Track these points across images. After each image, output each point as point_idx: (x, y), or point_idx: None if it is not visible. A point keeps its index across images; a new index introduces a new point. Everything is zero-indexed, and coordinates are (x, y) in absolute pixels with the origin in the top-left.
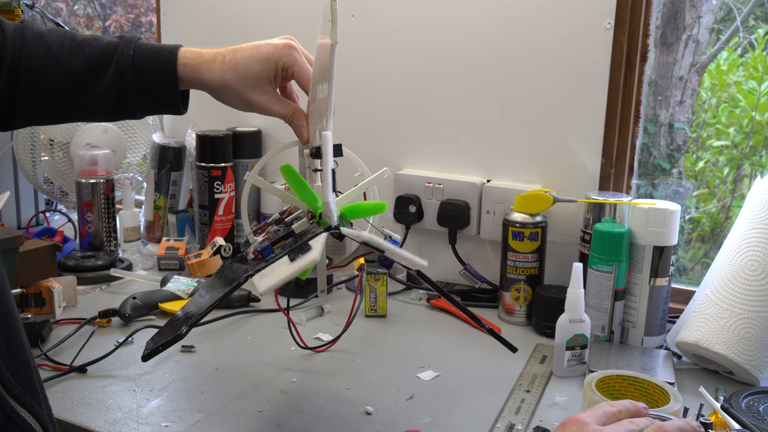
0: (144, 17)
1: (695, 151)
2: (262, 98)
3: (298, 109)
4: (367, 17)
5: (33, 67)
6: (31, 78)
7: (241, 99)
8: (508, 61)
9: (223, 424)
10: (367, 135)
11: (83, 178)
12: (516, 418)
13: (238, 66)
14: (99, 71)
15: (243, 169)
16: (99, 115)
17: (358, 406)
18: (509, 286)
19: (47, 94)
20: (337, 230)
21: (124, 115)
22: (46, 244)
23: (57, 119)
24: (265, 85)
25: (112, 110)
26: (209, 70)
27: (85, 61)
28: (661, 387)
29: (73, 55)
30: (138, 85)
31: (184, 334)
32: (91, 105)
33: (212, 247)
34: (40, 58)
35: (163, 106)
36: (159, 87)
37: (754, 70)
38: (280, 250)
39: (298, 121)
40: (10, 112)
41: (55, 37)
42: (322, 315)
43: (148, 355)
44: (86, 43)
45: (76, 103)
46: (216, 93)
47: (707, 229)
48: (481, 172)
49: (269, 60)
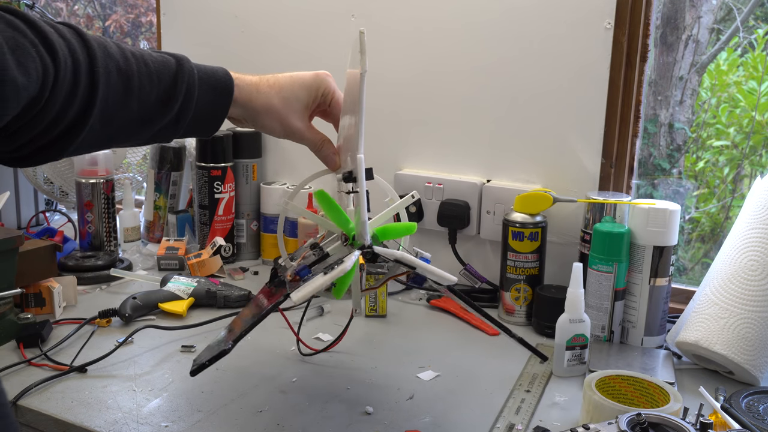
0: (144, 17)
1: (695, 151)
2: (301, 124)
3: (327, 139)
4: (368, 17)
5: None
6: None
7: (282, 123)
8: (508, 61)
9: (223, 424)
10: (367, 135)
11: (83, 178)
12: (516, 418)
13: (283, 90)
14: (173, 100)
15: (243, 169)
16: (140, 141)
17: (358, 406)
18: (509, 286)
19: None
20: (370, 249)
21: (162, 140)
22: (46, 244)
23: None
24: (304, 111)
25: (155, 136)
26: (258, 92)
27: (162, 91)
28: (661, 387)
29: (152, 85)
30: (197, 108)
31: (229, 349)
32: (149, 134)
33: (212, 247)
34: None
35: (205, 128)
36: (213, 109)
37: (754, 70)
38: (316, 270)
39: (327, 150)
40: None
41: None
42: (322, 315)
43: (195, 371)
44: (157, 70)
45: (138, 134)
46: (260, 116)
47: (707, 229)
48: (481, 172)
49: (312, 86)
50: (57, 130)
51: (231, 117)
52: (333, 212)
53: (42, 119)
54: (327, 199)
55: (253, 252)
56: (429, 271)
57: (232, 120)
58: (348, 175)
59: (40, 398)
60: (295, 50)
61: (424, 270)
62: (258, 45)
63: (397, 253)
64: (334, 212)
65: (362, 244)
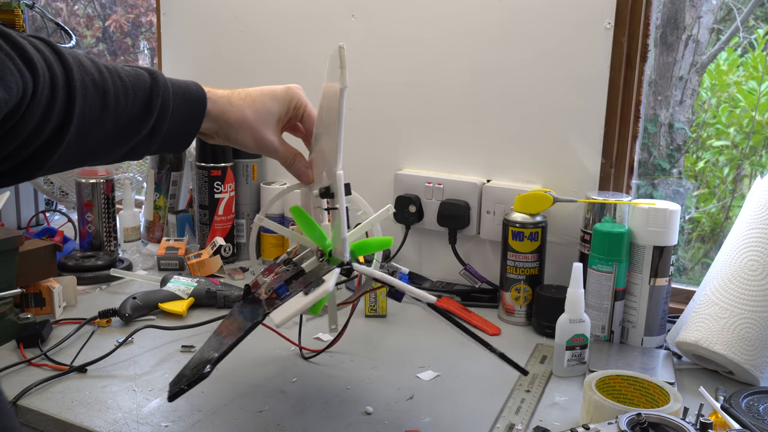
0: (144, 17)
1: (695, 151)
2: (274, 138)
3: (299, 153)
4: (368, 17)
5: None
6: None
7: (254, 137)
8: (508, 61)
9: (223, 424)
10: (368, 135)
11: (83, 178)
12: (516, 418)
13: (255, 103)
14: (148, 115)
15: (243, 169)
16: (112, 159)
17: (358, 406)
18: (509, 286)
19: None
20: (348, 266)
21: (135, 157)
22: (46, 244)
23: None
24: (277, 124)
25: (128, 153)
26: (231, 105)
27: (138, 106)
28: (661, 387)
29: (127, 101)
30: (170, 123)
31: (207, 373)
32: (122, 152)
33: (212, 247)
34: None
35: (177, 143)
36: (186, 123)
37: (754, 70)
38: (294, 287)
39: (299, 164)
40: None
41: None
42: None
43: (174, 396)
44: (132, 84)
45: (112, 150)
46: (233, 129)
47: (707, 229)
48: (481, 172)
49: (284, 99)
50: (33, 147)
51: (202, 132)
52: (309, 228)
53: (18, 134)
54: (303, 216)
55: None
56: (408, 290)
57: (203, 135)
58: (325, 191)
59: (40, 398)
60: (295, 50)
61: (402, 288)
62: (258, 45)
63: (377, 273)
64: (310, 228)
65: (341, 261)
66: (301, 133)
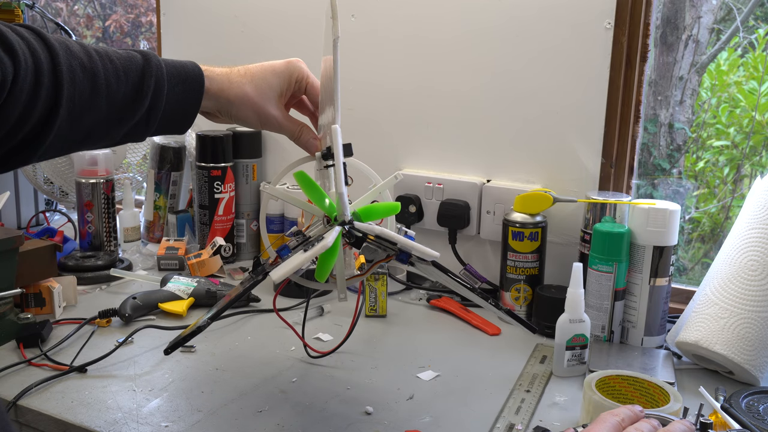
0: (144, 17)
1: (695, 151)
2: (277, 112)
3: (305, 125)
4: (368, 17)
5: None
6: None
7: (257, 112)
8: (508, 61)
9: (223, 424)
10: (368, 135)
11: (83, 178)
12: (516, 418)
13: (255, 78)
14: (142, 96)
15: (243, 169)
16: (112, 142)
17: (358, 406)
18: (509, 286)
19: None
20: (350, 224)
21: (134, 139)
22: (46, 244)
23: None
24: (279, 98)
25: (126, 135)
26: (230, 82)
27: (130, 88)
28: (661, 387)
29: (120, 82)
30: (167, 103)
31: (205, 325)
32: (120, 134)
33: (212, 247)
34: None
35: (178, 124)
36: (184, 103)
37: (754, 70)
38: (296, 249)
39: (306, 136)
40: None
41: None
42: (322, 315)
43: (170, 348)
44: (123, 66)
45: (109, 134)
46: (234, 106)
47: (707, 229)
48: (481, 172)
49: (284, 73)
50: (21, 134)
51: (205, 111)
52: (313, 192)
53: (4, 121)
54: (307, 180)
55: (253, 252)
56: (411, 246)
57: (207, 114)
58: (327, 152)
59: (40, 398)
60: (295, 50)
61: (406, 246)
62: (258, 45)
63: (377, 228)
64: (313, 192)
65: (342, 219)
66: (308, 110)
